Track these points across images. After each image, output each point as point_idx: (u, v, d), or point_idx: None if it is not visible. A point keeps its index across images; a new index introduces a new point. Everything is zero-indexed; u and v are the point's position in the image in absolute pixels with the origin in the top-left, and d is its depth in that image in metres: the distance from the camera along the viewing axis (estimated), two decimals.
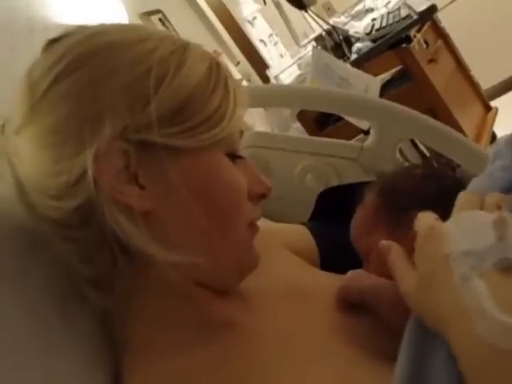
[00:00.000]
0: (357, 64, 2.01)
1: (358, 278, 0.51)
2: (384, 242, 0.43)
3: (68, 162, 0.40)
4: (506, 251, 0.32)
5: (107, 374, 0.45)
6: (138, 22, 2.16)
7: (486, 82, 2.68)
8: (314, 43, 2.57)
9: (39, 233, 0.44)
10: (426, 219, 0.38)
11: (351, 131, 1.28)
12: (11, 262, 0.44)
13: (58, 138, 0.40)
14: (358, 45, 2.20)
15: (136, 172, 0.41)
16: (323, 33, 2.39)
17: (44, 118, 0.41)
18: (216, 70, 0.45)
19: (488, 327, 0.29)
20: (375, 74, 1.49)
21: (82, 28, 0.45)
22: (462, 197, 0.39)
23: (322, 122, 2.22)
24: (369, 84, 1.17)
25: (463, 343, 0.31)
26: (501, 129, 2.41)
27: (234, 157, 0.46)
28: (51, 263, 0.45)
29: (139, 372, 0.42)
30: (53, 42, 0.44)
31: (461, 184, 0.60)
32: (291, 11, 2.99)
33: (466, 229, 0.34)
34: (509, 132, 0.49)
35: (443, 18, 2.51)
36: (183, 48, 0.44)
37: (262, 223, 0.50)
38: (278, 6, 3.29)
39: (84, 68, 0.41)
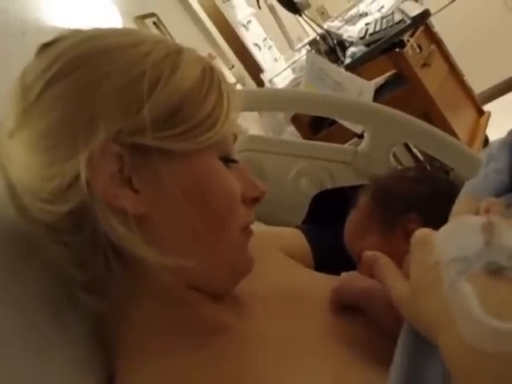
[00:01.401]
0: (351, 68, 2.02)
1: (351, 279, 0.51)
2: (368, 253, 0.42)
3: (61, 166, 0.40)
4: (493, 255, 0.31)
5: (99, 378, 0.44)
6: (132, 25, 2.15)
7: (478, 87, 2.71)
8: (308, 47, 2.58)
9: (31, 236, 0.43)
10: (421, 231, 0.38)
11: (345, 135, 1.29)
12: (3, 265, 0.43)
13: (51, 142, 0.40)
14: (351, 49, 2.21)
15: (130, 176, 0.41)
16: (317, 37, 2.40)
17: (37, 121, 0.41)
18: (209, 73, 0.45)
19: (475, 331, 0.29)
20: (369, 78, 1.50)
21: (75, 32, 0.45)
22: (457, 204, 0.39)
23: (316, 126, 2.23)
24: (363, 88, 1.18)
25: (451, 349, 0.31)
26: (493, 133, 2.43)
27: (227, 160, 0.46)
28: (43, 267, 0.45)
29: (132, 375, 0.42)
30: (46, 45, 0.44)
31: (454, 187, 0.60)
32: (285, 15, 3.00)
33: (455, 235, 0.34)
34: (501, 136, 0.49)
35: (436, 22, 2.53)
36: (177, 52, 0.44)
37: (256, 227, 0.50)
38: (272, 10, 3.29)
39: (77, 71, 0.41)
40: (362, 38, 2.22)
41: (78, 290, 0.43)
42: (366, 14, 2.56)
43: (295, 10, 2.22)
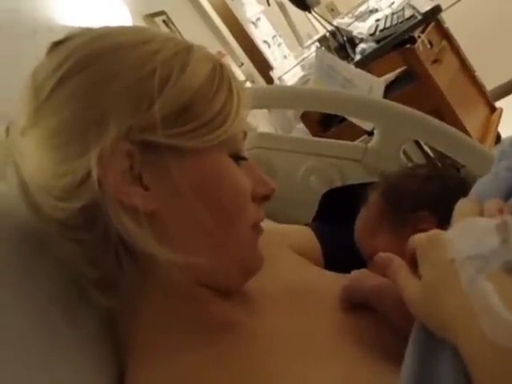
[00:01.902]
0: (361, 65, 2.01)
1: (361, 277, 0.51)
2: (382, 255, 0.42)
3: (72, 163, 0.40)
4: (510, 254, 0.31)
5: (111, 375, 0.45)
6: (141, 23, 2.16)
7: (490, 83, 2.68)
8: (317, 44, 2.57)
9: (44, 234, 0.44)
10: (421, 235, 0.38)
11: (355, 132, 1.28)
12: (18, 263, 0.44)
13: (62, 139, 0.41)
14: (361, 45, 2.20)
15: (140, 173, 0.41)
16: (327, 34, 2.39)
17: (48, 119, 0.41)
18: (219, 71, 0.45)
19: (496, 327, 0.29)
20: (379, 75, 1.49)
21: (86, 30, 0.45)
22: (461, 205, 0.39)
23: (325, 123, 2.22)
24: (373, 85, 1.17)
25: (471, 345, 0.31)
26: (506, 129, 2.40)
27: (237, 158, 0.46)
28: (56, 265, 0.45)
29: (142, 372, 0.43)
30: (57, 44, 0.44)
31: (465, 184, 0.60)
32: (295, 12, 2.99)
33: (469, 234, 0.34)
34: None
35: (447, 18, 2.50)
36: (187, 49, 0.44)
37: (266, 224, 0.50)
38: (281, 7, 3.28)
39: (88, 69, 0.41)
40: (372, 35, 2.20)
41: (89, 287, 0.44)
42: (376, 10, 2.55)
43: (305, 6, 2.21)
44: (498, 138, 2.43)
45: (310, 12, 2.24)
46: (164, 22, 2.32)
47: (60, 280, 0.45)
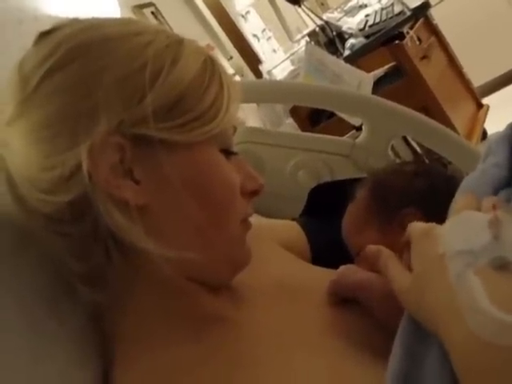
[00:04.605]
0: (350, 60, 2.02)
1: (349, 272, 0.51)
2: (371, 247, 0.43)
3: (61, 156, 0.39)
4: (500, 250, 0.32)
5: (96, 370, 0.44)
6: (130, 14, 2.14)
7: (477, 80, 2.70)
8: (307, 38, 2.57)
9: (28, 229, 0.43)
10: (418, 224, 0.38)
11: (343, 127, 1.29)
12: (1, 260, 0.43)
13: (50, 132, 0.40)
14: (351, 41, 2.20)
15: (131, 167, 0.41)
16: (317, 28, 2.39)
17: (36, 111, 0.40)
18: (211, 65, 0.45)
19: (481, 323, 0.29)
20: (368, 70, 1.49)
21: (74, 21, 0.44)
22: (460, 199, 0.39)
23: (314, 118, 2.23)
24: (362, 80, 1.17)
25: (455, 339, 0.31)
26: (492, 126, 2.43)
27: (227, 153, 0.46)
28: (40, 260, 0.45)
29: (130, 367, 0.42)
30: (45, 34, 0.43)
31: (452, 181, 0.60)
32: (285, 6, 2.98)
33: (461, 228, 0.34)
34: (500, 129, 0.49)
35: (436, 14, 2.52)
36: (178, 43, 0.44)
37: (254, 219, 0.50)
38: (271, 0, 3.27)
39: (78, 61, 0.41)
40: (361, 30, 2.21)
41: (75, 281, 0.43)
42: (365, 6, 2.55)
43: (294, 0, 2.20)
44: (484, 134, 2.46)
45: (299, 6, 2.24)
46: (152, 13, 2.30)
47: (44, 276, 0.45)
